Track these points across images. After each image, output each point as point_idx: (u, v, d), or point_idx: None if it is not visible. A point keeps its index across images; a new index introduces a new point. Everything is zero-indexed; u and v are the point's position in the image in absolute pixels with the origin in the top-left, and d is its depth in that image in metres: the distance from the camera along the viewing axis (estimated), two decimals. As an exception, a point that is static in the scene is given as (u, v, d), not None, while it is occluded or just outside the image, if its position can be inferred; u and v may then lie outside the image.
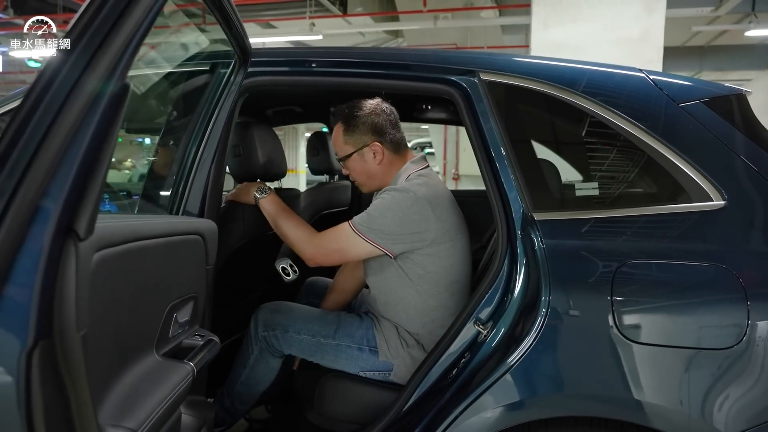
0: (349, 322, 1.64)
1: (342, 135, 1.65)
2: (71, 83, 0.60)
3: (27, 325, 0.59)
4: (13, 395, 0.59)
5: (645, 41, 3.89)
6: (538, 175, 1.36)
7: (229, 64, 1.41)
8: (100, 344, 0.74)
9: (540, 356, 1.15)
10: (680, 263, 1.17)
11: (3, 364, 0.60)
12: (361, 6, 8.48)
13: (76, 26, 0.62)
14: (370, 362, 1.57)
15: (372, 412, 1.51)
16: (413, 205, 1.48)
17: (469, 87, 1.39)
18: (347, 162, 1.67)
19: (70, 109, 0.59)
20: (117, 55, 0.61)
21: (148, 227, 0.93)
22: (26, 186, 0.57)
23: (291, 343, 1.62)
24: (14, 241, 0.58)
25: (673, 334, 1.12)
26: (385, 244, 1.49)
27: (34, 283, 0.58)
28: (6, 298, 0.59)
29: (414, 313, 1.57)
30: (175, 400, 0.92)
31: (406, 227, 1.48)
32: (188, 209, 1.36)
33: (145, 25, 0.65)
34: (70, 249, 0.60)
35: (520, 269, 1.24)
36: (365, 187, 1.73)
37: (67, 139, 0.58)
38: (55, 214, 0.58)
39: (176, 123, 1.66)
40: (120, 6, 0.63)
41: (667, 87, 1.33)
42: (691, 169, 1.22)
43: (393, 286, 1.58)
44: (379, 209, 1.50)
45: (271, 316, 1.65)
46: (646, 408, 1.10)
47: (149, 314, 0.97)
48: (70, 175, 0.59)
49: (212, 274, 1.32)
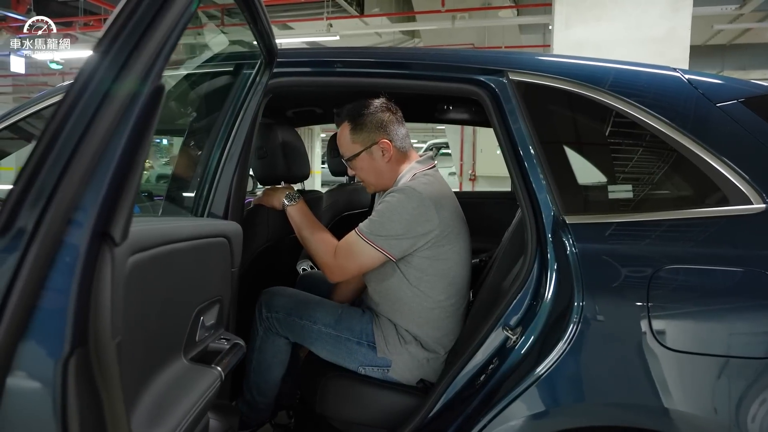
0: (351, 315, 1.64)
1: (349, 134, 1.63)
2: (107, 85, 0.59)
3: (63, 333, 0.57)
4: (49, 403, 0.58)
5: (671, 40, 3.81)
6: (569, 177, 1.32)
7: (255, 64, 1.40)
8: (131, 350, 0.72)
9: (573, 363, 1.13)
10: (719, 269, 1.13)
11: (40, 371, 0.59)
12: (378, 7, 8.48)
13: (112, 28, 0.61)
14: (369, 357, 1.57)
15: (377, 413, 1.51)
16: (418, 205, 1.48)
17: (498, 87, 1.36)
18: (355, 161, 1.65)
19: (106, 112, 0.57)
20: (152, 57, 0.60)
21: (177, 230, 0.92)
22: (62, 190, 0.56)
23: (292, 328, 1.62)
24: (51, 246, 0.56)
25: (712, 342, 1.08)
26: (390, 248, 1.49)
27: (71, 289, 0.57)
28: (43, 305, 0.58)
29: (410, 313, 1.56)
30: (204, 405, 0.91)
31: (411, 228, 1.48)
32: (213, 211, 1.35)
33: (180, 25, 0.64)
34: (105, 254, 0.59)
35: (551, 274, 1.21)
36: (372, 186, 1.71)
37: (104, 142, 0.57)
38: (91, 219, 0.57)
39: (201, 124, 1.65)
40: (155, 6, 0.62)
41: (703, 86, 1.29)
42: (729, 171, 1.18)
43: (390, 287, 1.58)
44: (386, 214, 1.50)
45: (273, 298, 1.66)
46: (682, 417, 1.07)
47: (178, 318, 0.96)
48: (106, 178, 0.58)
49: (237, 277, 1.31)
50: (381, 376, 1.57)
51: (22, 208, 0.57)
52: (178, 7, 0.62)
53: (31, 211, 0.57)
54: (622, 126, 1.30)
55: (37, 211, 0.57)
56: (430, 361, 1.56)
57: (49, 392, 0.58)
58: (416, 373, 1.56)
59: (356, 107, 1.63)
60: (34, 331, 0.58)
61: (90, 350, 0.59)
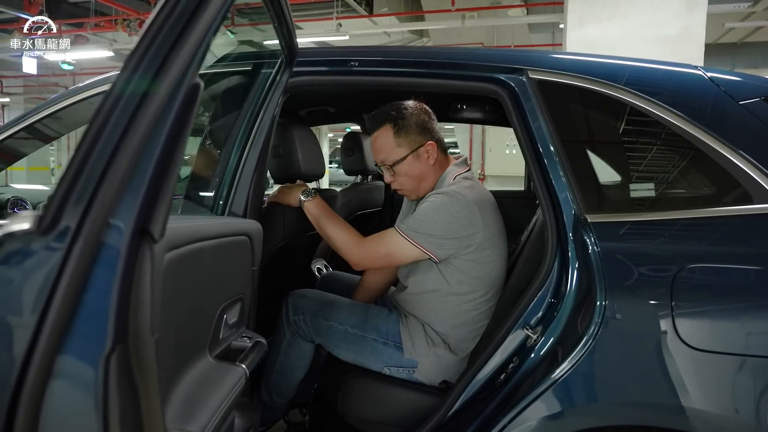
0: (377, 315, 1.63)
1: (393, 138, 1.58)
2: (146, 84, 0.59)
3: (106, 329, 0.58)
4: (91, 397, 0.59)
5: (685, 39, 3.78)
6: (590, 176, 1.32)
7: (275, 63, 1.40)
8: (164, 347, 0.73)
9: (595, 362, 1.12)
10: (744, 267, 1.12)
11: (84, 367, 0.60)
12: (387, 6, 8.48)
13: (151, 28, 0.61)
14: (395, 358, 1.56)
15: (397, 412, 1.51)
16: (463, 209, 1.46)
17: (517, 86, 1.36)
18: (400, 166, 1.58)
19: (146, 110, 0.58)
20: (190, 55, 0.61)
21: (205, 228, 0.93)
22: (104, 189, 0.57)
23: (318, 329, 1.61)
24: (94, 244, 0.57)
25: (736, 341, 1.08)
26: (432, 248, 1.47)
27: (113, 285, 0.58)
28: (87, 302, 0.58)
29: (445, 314, 1.55)
30: (231, 403, 0.92)
31: (455, 231, 1.46)
32: (233, 210, 1.36)
33: (216, 23, 0.64)
34: (145, 251, 0.60)
35: (572, 272, 1.21)
36: (413, 192, 1.64)
37: (144, 139, 0.58)
38: (132, 216, 0.58)
39: (220, 123, 1.66)
40: (192, 5, 0.62)
41: (726, 84, 1.28)
42: (753, 170, 1.17)
43: (429, 287, 1.56)
44: (429, 213, 1.47)
45: (301, 301, 1.65)
46: (704, 416, 1.06)
47: (204, 315, 0.97)
48: (146, 175, 0.58)
49: (257, 276, 1.32)
50: (406, 376, 1.56)
51: (66, 206, 0.58)
52: (215, 5, 0.63)
53: (75, 210, 0.58)
54: (643, 124, 1.30)
55: (80, 210, 0.58)
56: (455, 363, 1.55)
57: (91, 387, 0.59)
58: (441, 374, 1.55)
59: (395, 109, 1.58)
60: (78, 327, 0.59)
61: (130, 346, 0.60)
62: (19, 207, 3.29)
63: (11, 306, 0.61)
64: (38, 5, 7.76)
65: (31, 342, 0.57)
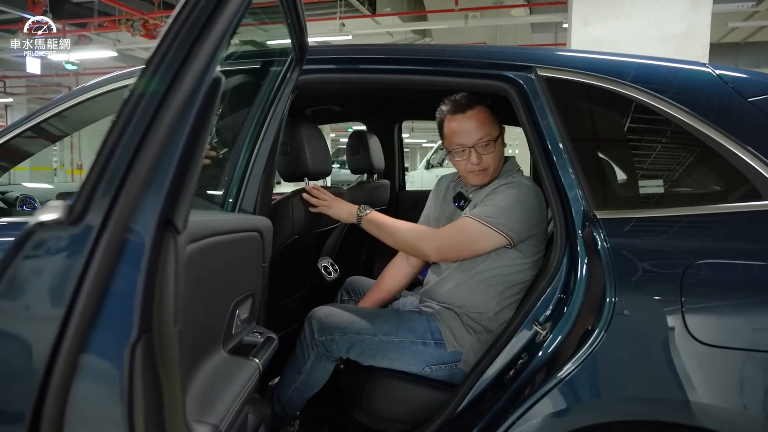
0: (409, 318, 1.63)
1: (490, 116, 1.60)
2: (170, 78, 0.60)
3: (132, 319, 0.59)
4: (117, 386, 0.60)
5: (690, 37, 3.78)
6: (599, 172, 1.32)
7: (285, 61, 1.41)
8: (184, 338, 0.74)
9: (605, 358, 1.12)
10: (755, 263, 1.13)
11: (110, 356, 0.60)
12: (390, 6, 8.49)
13: (174, 24, 0.62)
14: (437, 355, 1.55)
15: (422, 410, 1.49)
16: (535, 198, 1.54)
17: (526, 83, 1.37)
18: (495, 144, 1.60)
19: (170, 103, 0.59)
20: (213, 49, 0.61)
21: (220, 223, 0.94)
22: (131, 181, 0.58)
23: (351, 345, 1.58)
24: (120, 235, 0.58)
25: (748, 337, 1.08)
26: (511, 231, 1.51)
27: (139, 275, 0.59)
28: (114, 291, 0.59)
29: (495, 294, 1.57)
30: (246, 396, 0.93)
31: (530, 218, 1.53)
32: (243, 207, 1.37)
33: (238, 16, 0.65)
34: (169, 242, 0.60)
35: (582, 269, 1.21)
36: (489, 175, 1.64)
37: (169, 131, 0.58)
38: (158, 207, 0.59)
39: (231, 119, 1.67)
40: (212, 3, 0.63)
41: (734, 81, 1.29)
42: (761, 166, 1.17)
43: (483, 276, 1.58)
44: (507, 201, 1.53)
45: (327, 319, 1.61)
46: (717, 413, 1.07)
47: (219, 309, 0.98)
48: (171, 166, 0.59)
49: (267, 272, 1.33)
50: (449, 373, 1.55)
51: (94, 197, 0.59)
52: (235, 2, 0.64)
53: (102, 201, 0.59)
54: (652, 122, 1.30)
55: (107, 201, 0.59)
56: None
57: (117, 376, 0.60)
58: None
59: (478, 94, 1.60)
60: (105, 317, 0.60)
61: (154, 336, 0.61)
62: (27, 205, 3.31)
63: (42, 292, 0.63)
64: (42, 5, 7.77)
65: (60, 330, 0.58)
